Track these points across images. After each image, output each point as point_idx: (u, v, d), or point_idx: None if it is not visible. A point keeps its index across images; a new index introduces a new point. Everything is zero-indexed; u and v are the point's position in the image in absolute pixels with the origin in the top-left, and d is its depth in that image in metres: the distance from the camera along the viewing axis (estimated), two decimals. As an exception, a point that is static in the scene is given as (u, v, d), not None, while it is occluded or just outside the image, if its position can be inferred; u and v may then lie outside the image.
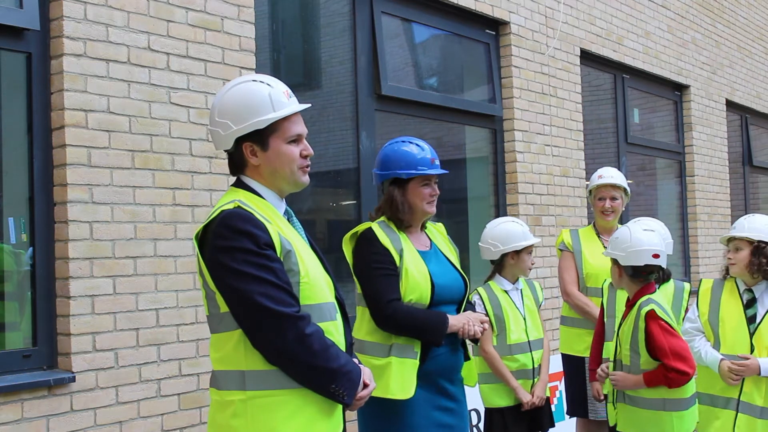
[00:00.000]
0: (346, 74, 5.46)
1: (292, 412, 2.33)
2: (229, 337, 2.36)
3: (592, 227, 5.03)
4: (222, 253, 2.31)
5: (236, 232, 2.30)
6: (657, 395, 3.63)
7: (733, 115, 10.39)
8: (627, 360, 3.67)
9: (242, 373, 2.34)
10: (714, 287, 4.02)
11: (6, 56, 3.78)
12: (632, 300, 3.74)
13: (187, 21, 4.24)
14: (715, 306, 3.93)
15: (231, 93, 2.46)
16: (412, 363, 3.27)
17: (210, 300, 2.40)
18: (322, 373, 2.34)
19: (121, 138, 3.92)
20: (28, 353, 3.66)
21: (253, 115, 2.41)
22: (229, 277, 2.30)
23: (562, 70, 7.04)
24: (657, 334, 3.56)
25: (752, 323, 3.87)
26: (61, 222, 3.73)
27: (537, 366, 4.18)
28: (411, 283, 3.29)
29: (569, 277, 4.83)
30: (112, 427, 3.80)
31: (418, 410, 3.30)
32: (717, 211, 9.46)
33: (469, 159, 6.79)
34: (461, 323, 3.32)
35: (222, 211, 2.36)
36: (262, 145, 2.44)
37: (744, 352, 3.82)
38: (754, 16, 10.83)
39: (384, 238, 3.34)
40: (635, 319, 3.64)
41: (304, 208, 5.15)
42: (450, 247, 3.59)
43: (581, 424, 4.93)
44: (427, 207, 3.42)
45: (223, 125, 2.43)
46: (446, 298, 3.38)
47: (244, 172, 2.50)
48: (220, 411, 2.38)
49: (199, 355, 4.16)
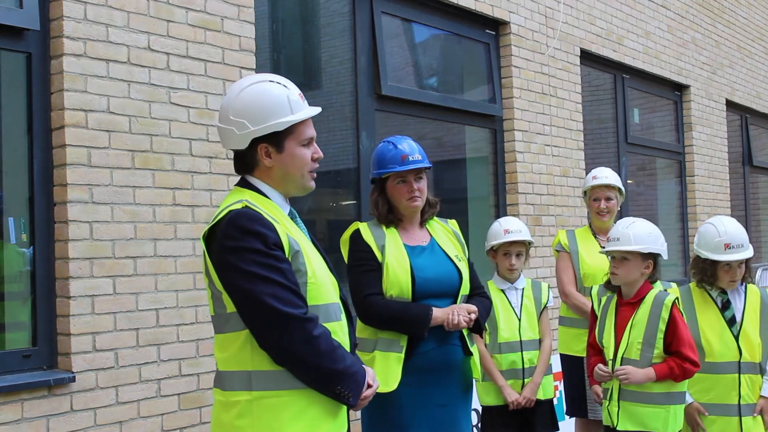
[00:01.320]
0: (346, 74, 5.46)
1: (297, 412, 2.33)
2: (235, 337, 2.35)
3: (588, 227, 5.04)
4: (230, 253, 2.30)
5: (245, 232, 2.29)
6: (662, 389, 3.63)
7: (733, 115, 10.40)
8: (636, 355, 3.64)
9: (248, 373, 2.33)
10: (683, 296, 3.95)
11: (6, 56, 3.78)
12: (640, 294, 3.72)
13: (187, 21, 4.24)
14: (692, 316, 3.90)
15: (247, 92, 2.42)
16: (396, 357, 3.30)
17: (216, 300, 2.39)
18: (329, 374, 2.34)
19: (121, 138, 3.92)
20: (28, 353, 3.67)
21: (271, 117, 2.39)
22: (237, 277, 2.29)
23: (562, 70, 7.04)
24: (681, 323, 3.61)
25: (733, 325, 3.86)
26: (61, 222, 3.73)
27: (529, 367, 4.17)
28: (391, 277, 3.33)
29: (567, 277, 4.84)
30: (112, 427, 3.81)
31: (407, 406, 3.31)
32: (717, 211, 9.46)
33: (469, 159, 6.80)
34: (446, 315, 3.31)
35: (230, 211, 2.34)
36: (277, 146, 2.42)
37: (732, 357, 3.81)
38: (754, 16, 10.84)
39: (368, 236, 3.41)
40: (651, 310, 3.64)
41: (305, 208, 5.15)
42: (453, 242, 3.57)
43: (580, 425, 4.94)
44: (407, 204, 3.44)
45: (238, 125, 2.40)
46: (434, 291, 3.37)
47: (253, 172, 2.48)
48: (225, 411, 2.37)
49: (199, 355, 4.16)
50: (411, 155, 3.41)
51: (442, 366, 3.39)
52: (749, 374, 3.83)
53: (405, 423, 3.32)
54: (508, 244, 4.26)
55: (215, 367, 2.48)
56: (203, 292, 4.16)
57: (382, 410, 3.34)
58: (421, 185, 3.44)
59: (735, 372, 3.82)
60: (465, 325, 3.31)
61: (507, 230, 4.26)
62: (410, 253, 3.41)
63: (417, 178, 3.43)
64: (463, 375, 3.48)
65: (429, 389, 3.36)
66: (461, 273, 3.45)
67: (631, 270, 3.70)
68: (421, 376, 3.33)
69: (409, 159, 3.41)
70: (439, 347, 3.38)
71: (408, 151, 3.42)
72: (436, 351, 3.37)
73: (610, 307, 3.82)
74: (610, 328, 3.77)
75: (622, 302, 3.79)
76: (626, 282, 3.74)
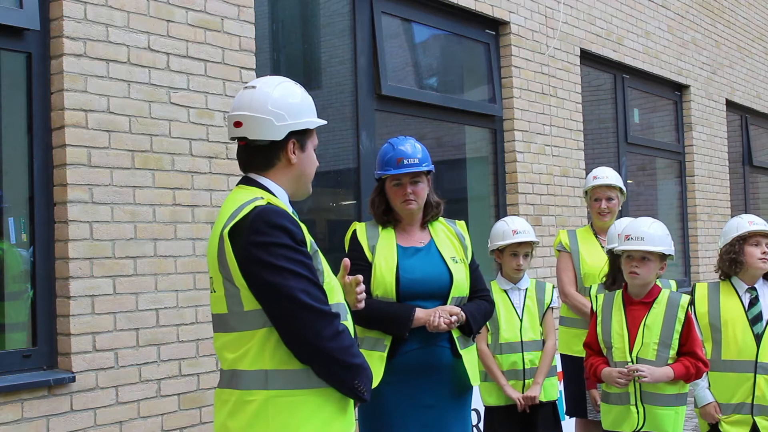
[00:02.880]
0: (346, 74, 5.46)
1: (311, 411, 2.33)
2: (251, 335, 2.34)
3: (590, 227, 5.03)
4: (259, 248, 2.28)
5: (274, 227, 2.29)
6: (674, 390, 3.65)
7: (733, 115, 10.40)
8: (653, 356, 3.63)
9: (265, 372, 2.32)
10: (710, 291, 3.98)
11: (6, 56, 3.78)
12: (652, 294, 3.73)
13: (187, 21, 4.24)
14: (715, 308, 3.91)
15: (283, 88, 2.49)
16: (378, 356, 3.31)
17: (231, 298, 2.36)
18: (350, 369, 2.35)
19: (121, 138, 3.92)
20: (28, 353, 3.67)
21: (306, 114, 2.49)
22: (266, 272, 2.28)
23: (562, 70, 7.04)
24: (693, 324, 3.65)
25: (756, 323, 3.85)
26: (61, 222, 3.73)
27: (530, 367, 4.16)
28: (378, 277, 3.36)
29: (567, 277, 4.83)
30: (112, 427, 3.81)
31: (392, 405, 3.32)
32: (717, 211, 9.47)
33: (469, 159, 6.80)
34: (428, 316, 3.30)
35: (255, 206, 2.33)
36: (302, 145, 2.49)
37: (750, 355, 3.80)
38: (754, 16, 10.84)
39: (362, 236, 3.45)
40: (666, 310, 3.66)
41: (305, 208, 5.15)
42: (453, 243, 3.55)
43: (580, 425, 4.93)
44: (402, 206, 3.45)
45: (278, 116, 2.43)
46: (420, 292, 3.37)
47: (268, 169, 2.48)
48: (238, 411, 2.35)
49: (199, 355, 4.15)
50: (407, 158, 3.40)
51: (428, 367, 3.38)
52: (766, 375, 3.80)
53: (390, 422, 3.33)
54: (516, 245, 4.25)
55: (216, 367, 2.48)
56: (203, 292, 4.16)
57: (370, 410, 3.36)
58: (417, 188, 3.43)
59: (751, 371, 3.81)
60: (445, 327, 3.29)
61: (515, 231, 4.25)
62: (401, 254, 3.41)
63: (413, 181, 3.42)
64: (453, 377, 3.44)
65: (414, 389, 3.35)
66: (452, 275, 3.42)
67: (651, 270, 3.70)
68: (405, 376, 3.34)
69: (404, 162, 3.40)
70: (425, 348, 3.37)
71: (405, 154, 3.41)
72: (421, 351, 3.36)
73: (615, 306, 3.78)
74: (620, 328, 3.73)
75: (632, 302, 3.75)
76: (646, 282, 3.73)
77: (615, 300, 3.80)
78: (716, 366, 3.84)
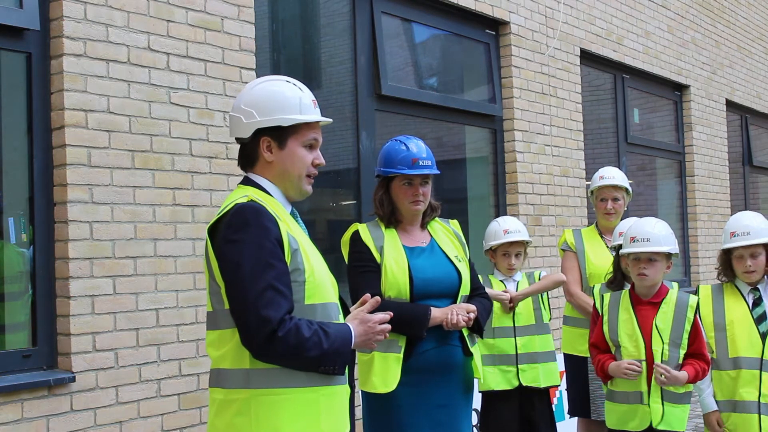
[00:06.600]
0: (346, 74, 5.46)
1: (297, 411, 2.32)
2: (231, 334, 2.35)
3: (595, 227, 5.02)
4: (230, 244, 2.31)
5: (248, 225, 2.31)
6: (681, 389, 3.67)
7: (733, 115, 10.40)
8: (666, 356, 3.65)
9: (246, 371, 2.33)
10: (714, 292, 3.98)
11: (6, 56, 3.78)
12: (660, 294, 3.73)
13: (187, 21, 4.24)
14: (720, 308, 3.90)
15: (262, 86, 2.52)
16: (395, 357, 3.30)
17: (215, 295, 2.38)
18: (306, 363, 2.32)
19: (121, 138, 3.92)
20: (28, 353, 3.66)
21: (279, 112, 2.47)
22: (231, 269, 2.31)
23: (562, 70, 7.04)
24: (700, 324, 3.67)
25: (761, 322, 3.84)
26: (61, 222, 3.73)
27: (522, 353, 4.21)
28: (389, 278, 3.34)
29: (572, 277, 4.82)
30: (112, 427, 3.80)
31: (407, 406, 3.31)
32: (717, 211, 9.47)
33: (469, 159, 6.79)
34: (445, 314, 3.30)
35: (236, 204, 2.36)
36: (279, 143, 2.48)
37: (756, 353, 3.80)
38: (754, 16, 10.84)
39: (367, 238, 3.41)
40: (675, 311, 3.67)
41: (305, 208, 5.14)
42: (453, 242, 3.56)
43: (582, 425, 4.92)
44: (410, 206, 3.43)
45: (246, 113, 2.47)
46: (433, 292, 3.37)
47: (254, 167, 2.52)
48: (223, 410, 2.36)
49: (199, 355, 4.15)
50: (422, 159, 3.41)
51: (442, 366, 3.38)
52: None
53: (404, 423, 3.32)
54: (507, 245, 4.27)
55: (212, 366, 2.47)
56: (203, 292, 4.16)
57: (382, 411, 3.34)
58: (426, 189, 3.44)
59: (757, 368, 3.80)
60: (464, 324, 3.30)
61: (506, 230, 4.27)
62: (409, 254, 3.41)
63: (423, 182, 3.44)
64: (463, 375, 3.47)
65: (429, 389, 3.35)
66: (461, 273, 3.44)
67: (659, 270, 3.73)
68: (420, 377, 3.33)
69: (419, 163, 3.40)
70: (439, 347, 3.37)
71: (419, 155, 3.41)
72: (436, 351, 3.37)
73: (622, 306, 3.78)
74: (630, 329, 3.72)
75: (641, 302, 3.76)
76: (654, 283, 3.73)
77: (622, 300, 3.80)
78: (722, 364, 3.82)
